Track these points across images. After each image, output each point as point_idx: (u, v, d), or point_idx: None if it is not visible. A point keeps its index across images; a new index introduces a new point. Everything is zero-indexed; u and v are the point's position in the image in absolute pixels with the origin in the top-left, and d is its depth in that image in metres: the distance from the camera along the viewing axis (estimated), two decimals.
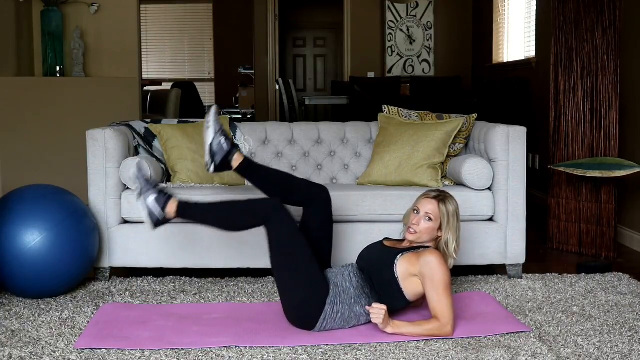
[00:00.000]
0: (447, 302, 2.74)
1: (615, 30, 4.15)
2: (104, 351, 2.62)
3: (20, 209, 3.16)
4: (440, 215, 2.88)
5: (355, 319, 2.82)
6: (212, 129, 3.06)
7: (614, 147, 4.16)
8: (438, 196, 2.92)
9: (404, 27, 8.86)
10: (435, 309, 2.75)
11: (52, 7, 5.20)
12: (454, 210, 2.89)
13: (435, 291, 2.75)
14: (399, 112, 4.04)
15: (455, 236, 2.88)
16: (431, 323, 2.74)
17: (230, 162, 3.08)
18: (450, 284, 2.77)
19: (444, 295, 2.74)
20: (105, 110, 5.07)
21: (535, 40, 6.14)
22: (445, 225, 2.88)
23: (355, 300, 2.79)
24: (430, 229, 2.88)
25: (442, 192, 2.96)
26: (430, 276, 2.75)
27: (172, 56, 11.96)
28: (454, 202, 2.92)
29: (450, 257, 2.88)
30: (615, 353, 2.62)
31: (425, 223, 2.88)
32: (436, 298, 2.75)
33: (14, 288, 3.22)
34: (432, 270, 2.75)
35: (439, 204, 2.88)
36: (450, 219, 2.87)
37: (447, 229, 2.87)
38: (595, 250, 4.23)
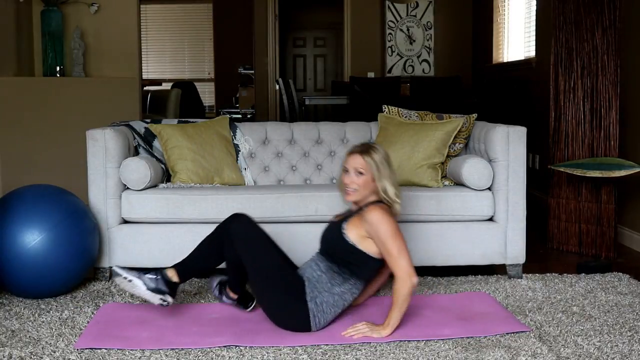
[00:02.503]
0: (399, 252, 2.74)
1: (615, 30, 4.15)
2: (104, 351, 2.63)
3: (20, 209, 3.16)
4: (369, 167, 2.86)
5: (342, 300, 2.83)
6: (134, 281, 2.86)
7: (614, 147, 4.16)
8: (361, 149, 2.90)
9: (404, 27, 8.86)
10: (391, 265, 2.76)
11: (52, 7, 5.20)
12: (381, 158, 2.87)
13: (384, 246, 2.76)
14: (399, 112, 4.04)
15: (391, 181, 2.87)
16: (396, 287, 2.74)
17: (171, 280, 2.92)
18: (396, 231, 2.77)
19: (394, 245, 2.74)
20: (105, 110, 5.07)
21: (535, 40, 6.13)
22: (377, 174, 2.86)
23: (331, 284, 2.81)
24: (366, 183, 2.87)
25: (365, 145, 2.94)
26: (375, 233, 2.77)
27: (172, 56, 11.96)
28: (379, 151, 2.90)
29: (394, 203, 2.89)
30: (615, 353, 2.62)
31: (358, 178, 2.87)
32: (387, 252, 2.76)
33: (14, 288, 3.22)
34: (374, 226, 2.77)
35: (364, 157, 2.87)
36: (380, 167, 2.86)
37: (380, 177, 2.86)
38: (595, 250, 4.23)
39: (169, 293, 2.87)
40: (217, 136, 3.95)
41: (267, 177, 4.05)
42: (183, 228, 3.53)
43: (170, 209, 3.52)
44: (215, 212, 3.52)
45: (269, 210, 3.52)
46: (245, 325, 2.90)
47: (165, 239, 3.53)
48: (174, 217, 3.53)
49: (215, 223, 3.50)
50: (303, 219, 3.56)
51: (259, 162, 4.06)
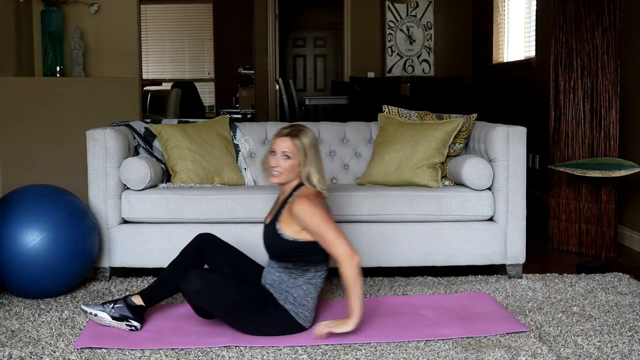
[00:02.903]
0: (333, 237, 2.70)
1: (615, 30, 4.15)
2: (103, 351, 2.62)
3: (20, 209, 3.16)
4: (297, 151, 2.80)
5: (312, 286, 2.80)
6: (99, 314, 2.88)
7: (614, 147, 4.16)
8: (290, 132, 2.84)
9: (404, 27, 8.85)
10: (330, 251, 2.73)
11: (52, 7, 5.21)
12: (309, 143, 2.82)
13: (318, 236, 2.72)
14: (399, 112, 4.04)
15: (316, 167, 2.82)
16: (343, 272, 2.68)
17: (135, 305, 2.90)
18: (326, 218, 2.73)
19: (327, 233, 2.70)
20: (105, 110, 5.07)
21: (535, 40, 6.13)
22: (303, 158, 2.80)
23: (293, 278, 2.79)
24: (292, 167, 2.81)
25: (294, 127, 2.88)
26: (305, 225, 2.73)
27: (172, 56, 11.96)
28: (308, 134, 2.84)
29: (317, 188, 2.84)
30: (615, 353, 2.62)
31: (284, 162, 2.81)
32: (322, 241, 2.72)
33: (14, 288, 3.22)
34: (303, 220, 2.73)
35: (293, 140, 2.81)
36: (307, 152, 2.80)
37: (306, 162, 2.81)
38: (595, 250, 4.23)
39: (133, 318, 2.86)
40: (217, 136, 3.95)
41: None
42: (183, 228, 3.53)
43: (170, 209, 3.52)
44: (215, 212, 3.52)
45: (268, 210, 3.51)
46: None
47: (165, 239, 3.53)
48: (174, 217, 3.53)
49: (215, 223, 3.52)
50: None
51: (259, 162, 4.06)
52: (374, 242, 3.56)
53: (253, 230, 3.48)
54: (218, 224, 3.52)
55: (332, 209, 3.51)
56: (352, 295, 2.68)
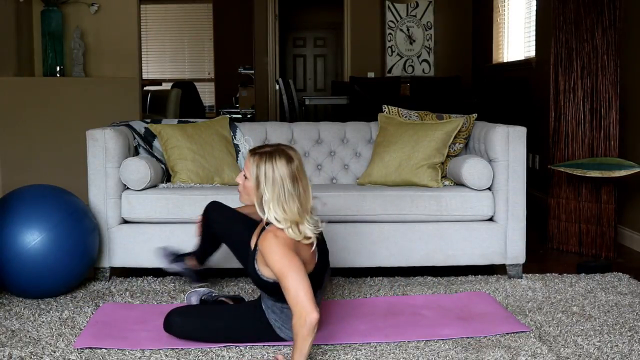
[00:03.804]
0: (292, 287, 2.36)
1: (615, 30, 4.15)
2: (103, 351, 2.62)
3: (20, 209, 3.16)
4: (251, 174, 2.47)
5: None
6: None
7: (614, 147, 4.16)
8: (257, 152, 2.49)
9: (404, 27, 8.86)
10: (287, 300, 2.41)
11: (52, 7, 5.21)
12: (272, 172, 2.43)
13: (279, 280, 2.42)
14: (399, 112, 4.04)
15: (279, 201, 2.43)
16: (293, 324, 2.37)
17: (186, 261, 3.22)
18: (288, 260, 2.39)
19: (286, 280, 2.38)
20: (105, 110, 5.08)
21: (535, 40, 6.13)
22: (255, 186, 2.47)
23: (279, 308, 2.61)
24: (248, 189, 2.51)
25: (273, 148, 2.50)
26: (271, 267, 2.44)
27: (172, 56, 11.96)
28: (279, 162, 2.44)
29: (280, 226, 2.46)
30: (615, 353, 2.62)
31: (242, 179, 2.55)
32: (282, 287, 2.41)
33: (14, 288, 3.22)
34: (266, 256, 2.44)
35: (252, 160, 2.47)
36: (260, 181, 2.45)
37: (265, 190, 2.45)
38: (595, 250, 4.23)
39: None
40: (217, 136, 3.95)
41: None
42: (183, 228, 3.53)
43: (170, 209, 3.52)
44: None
45: None
46: None
47: (165, 239, 3.53)
48: (174, 217, 3.53)
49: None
50: None
51: None
52: (374, 242, 3.56)
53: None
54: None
55: (332, 210, 3.52)
56: (296, 352, 2.35)
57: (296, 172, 2.47)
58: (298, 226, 2.48)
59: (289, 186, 2.44)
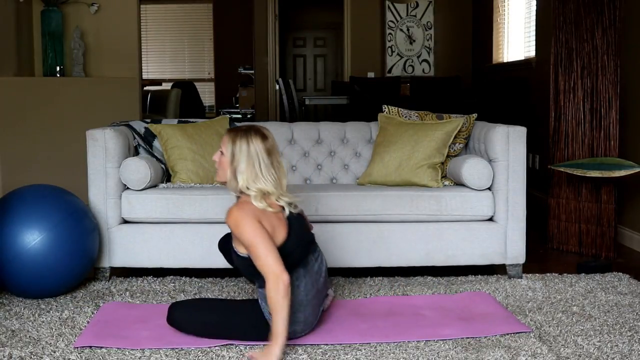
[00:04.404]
0: (261, 254, 2.50)
1: (615, 30, 4.15)
2: (103, 351, 2.62)
3: (20, 209, 3.16)
4: (226, 146, 2.60)
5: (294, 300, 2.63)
6: None
7: (614, 147, 4.16)
8: (232, 130, 2.64)
9: (404, 27, 8.86)
10: (259, 267, 2.53)
11: (52, 7, 5.21)
12: (246, 146, 2.57)
13: (249, 249, 2.54)
14: (399, 112, 4.04)
15: (248, 169, 2.56)
16: (268, 292, 2.49)
17: None
18: (253, 229, 2.51)
19: (254, 247, 2.51)
20: (105, 110, 5.08)
21: (535, 40, 6.13)
22: (230, 156, 2.59)
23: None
24: (224, 163, 2.62)
25: (247, 126, 2.65)
26: (240, 239, 2.56)
27: (172, 56, 11.96)
28: (252, 135, 2.59)
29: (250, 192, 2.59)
30: (615, 353, 2.62)
31: (219, 156, 2.65)
32: (252, 255, 2.53)
33: (14, 288, 3.22)
34: (235, 233, 2.57)
35: (229, 137, 2.60)
36: (235, 150, 2.57)
37: (235, 160, 2.58)
38: (595, 250, 4.23)
39: None
40: (217, 136, 3.95)
41: None
42: (183, 228, 3.53)
43: (170, 209, 3.52)
44: (215, 212, 3.51)
45: None
46: None
47: (165, 239, 3.53)
48: (174, 217, 3.53)
49: (215, 223, 3.51)
50: None
51: None
52: (374, 242, 3.56)
53: None
54: (218, 224, 3.51)
55: (332, 210, 3.52)
56: (276, 316, 2.48)
57: (271, 148, 2.62)
58: (266, 197, 2.60)
59: (263, 157, 2.59)
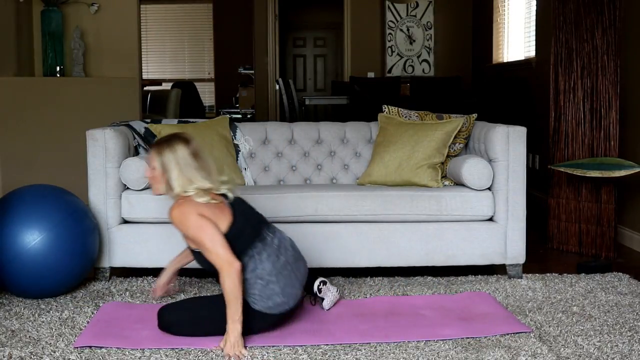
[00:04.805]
0: (209, 246, 2.62)
1: (615, 30, 4.15)
2: (103, 351, 2.62)
3: (20, 209, 3.16)
4: (154, 158, 2.73)
5: (266, 275, 2.70)
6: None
7: (614, 147, 4.16)
8: (156, 144, 2.76)
9: (404, 27, 8.86)
10: (209, 259, 2.65)
11: (52, 7, 5.21)
12: (169, 148, 2.70)
13: (197, 243, 2.67)
14: (399, 112, 4.04)
15: (178, 172, 2.69)
16: (221, 280, 2.60)
17: None
18: (200, 225, 2.63)
19: (203, 242, 2.63)
20: (105, 110, 5.08)
21: (535, 40, 6.13)
22: (160, 167, 2.72)
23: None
24: (157, 177, 2.74)
25: (166, 138, 2.77)
26: (186, 235, 2.70)
27: (172, 56, 11.96)
28: (172, 140, 2.73)
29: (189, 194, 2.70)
30: (615, 353, 2.62)
31: (151, 172, 2.77)
32: (201, 248, 2.66)
33: (14, 288, 3.22)
34: (183, 232, 2.70)
35: (152, 149, 2.75)
36: (164, 158, 2.70)
37: (166, 169, 2.71)
38: (595, 250, 4.23)
39: None
40: (217, 136, 3.95)
41: (267, 177, 4.05)
42: None
43: None
44: None
45: (269, 210, 3.52)
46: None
47: (165, 239, 3.53)
48: None
49: None
50: (303, 219, 3.56)
51: (259, 162, 4.07)
52: (374, 242, 3.56)
53: None
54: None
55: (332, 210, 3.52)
56: (230, 304, 2.58)
57: (195, 149, 2.76)
58: (205, 191, 2.72)
59: (190, 161, 2.72)
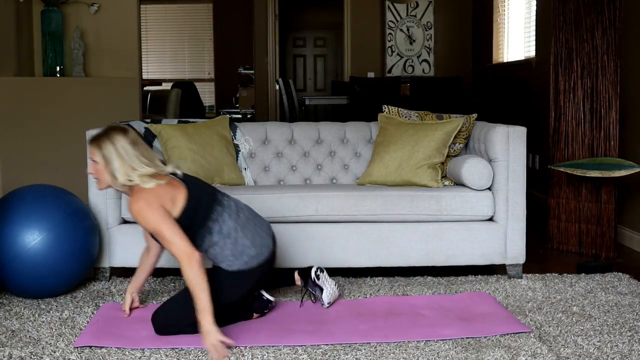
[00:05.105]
0: (167, 237, 2.64)
1: (615, 30, 4.15)
2: (103, 351, 2.62)
3: (20, 209, 3.16)
4: (95, 152, 2.73)
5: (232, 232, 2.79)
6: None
7: (614, 147, 4.16)
8: (94, 139, 2.76)
9: (404, 27, 8.86)
10: (169, 250, 2.68)
11: (52, 7, 5.21)
12: (109, 140, 2.72)
13: (156, 235, 2.69)
14: (399, 112, 4.04)
15: (121, 161, 2.70)
16: (182, 271, 2.62)
17: None
18: (158, 217, 2.65)
19: (161, 234, 2.65)
20: (105, 110, 5.08)
21: (535, 40, 6.13)
22: (102, 159, 2.73)
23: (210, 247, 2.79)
24: (99, 170, 2.75)
25: (103, 132, 2.78)
26: (146, 227, 2.71)
27: (172, 56, 11.96)
28: (110, 133, 2.74)
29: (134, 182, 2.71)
30: (615, 353, 2.62)
31: (93, 167, 2.77)
32: (161, 239, 2.68)
33: (14, 288, 3.22)
34: (142, 224, 2.70)
35: (91, 143, 2.76)
36: (104, 150, 2.71)
37: (108, 161, 2.72)
38: (595, 250, 4.23)
39: None
40: (217, 136, 3.96)
41: (267, 177, 4.05)
42: None
43: None
44: None
45: (269, 210, 3.52)
46: (245, 325, 2.90)
47: None
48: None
49: None
50: (303, 219, 3.56)
51: (259, 162, 4.07)
52: (374, 242, 3.56)
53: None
54: None
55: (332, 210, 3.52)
56: (199, 294, 2.60)
57: (134, 139, 2.77)
58: (150, 176, 2.72)
59: (130, 150, 2.73)
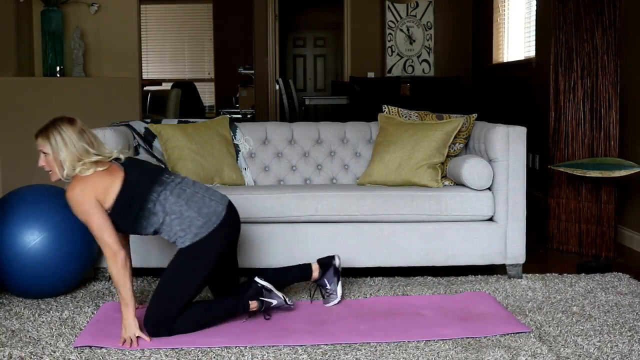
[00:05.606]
0: (98, 232, 2.71)
1: (615, 30, 4.15)
2: (103, 351, 2.62)
3: (20, 209, 3.16)
4: (44, 144, 2.77)
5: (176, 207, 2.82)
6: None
7: (614, 147, 4.16)
8: (41, 131, 2.80)
9: (404, 27, 8.86)
10: (99, 245, 2.75)
11: (52, 7, 5.21)
12: (56, 132, 2.76)
13: (88, 228, 2.75)
14: (399, 112, 4.04)
15: (70, 158, 2.74)
16: (109, 268, 2.72)
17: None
18: (86, 212, 2.71)
19: (91, 228, 2.72)
20: (105, 110, 5.07)
21: (535, 40, 6.13)
22: (51, 150, 2.76)
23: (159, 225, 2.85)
24: (50, 161, 2.78)
25: (48, 124, 2.82)
26: (78, 217, 2.75)
27: (172, 56, 11.96)
28: (57, 124, 2.78)
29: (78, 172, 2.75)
30: (615, 353, 2.62)
31: (44, 159, 2.80)
32: (92, 233, 2.74)
33: (14, 288, 3.22)
34: (76, 214, 2.75)
35: (39, 136, 2.79)
36: (52, 142, 2.75)
37: (57, 152, 2.75)
38: (595, 250, 4.23)
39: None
40: (217, 136, 3.96)
41: (267, 177, 4.05)
42: None
43: None
44: None
45: (269, 210, 3.52)
46: (245, 325, 2.90)
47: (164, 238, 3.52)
48: None
49: None
50: (303, 219, 3.56)
51: (259, 162, 4.07)
52: (374, 242, 3.56)
53: (252, 229, 3.49)
54: None
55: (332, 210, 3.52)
56: (121, 288, 2.71)
57: (80, 128, 2.81)
58: (93, 163, 2.76)
59: (77, 139, 2.76)
